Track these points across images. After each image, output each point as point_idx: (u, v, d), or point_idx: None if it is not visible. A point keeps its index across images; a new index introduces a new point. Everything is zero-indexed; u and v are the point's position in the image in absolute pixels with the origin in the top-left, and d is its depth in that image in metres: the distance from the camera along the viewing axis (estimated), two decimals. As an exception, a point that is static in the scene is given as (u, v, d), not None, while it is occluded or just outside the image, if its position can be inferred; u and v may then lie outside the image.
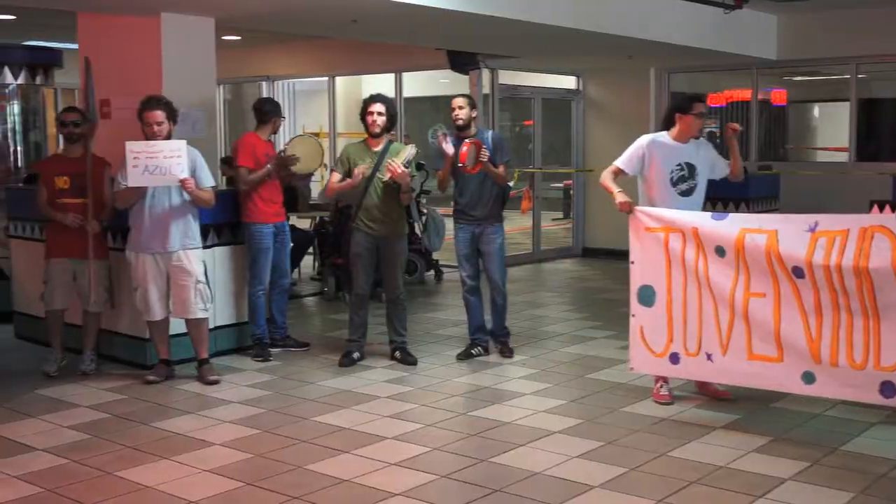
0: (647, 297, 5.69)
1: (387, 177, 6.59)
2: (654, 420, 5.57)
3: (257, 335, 7.14)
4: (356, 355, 6.96)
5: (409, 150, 6.68)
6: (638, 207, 5.75)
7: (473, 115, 6.99)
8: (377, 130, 6.75)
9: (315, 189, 11.67)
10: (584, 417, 5.63)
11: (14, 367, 6.83)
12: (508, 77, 12.25)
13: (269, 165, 6.99)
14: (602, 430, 5.39)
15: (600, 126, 13.18)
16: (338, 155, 7.36)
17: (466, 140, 6.77)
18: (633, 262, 5.78)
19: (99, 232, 6.63)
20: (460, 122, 6.95)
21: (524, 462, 4.86)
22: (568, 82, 13.39)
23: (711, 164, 6.01)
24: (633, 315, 5.78)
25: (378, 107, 6.76)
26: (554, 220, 16.00)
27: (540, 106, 13.03)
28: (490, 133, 7.30)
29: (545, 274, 12.02)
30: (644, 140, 5.95)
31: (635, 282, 5.76)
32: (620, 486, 4.52)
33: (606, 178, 5.89)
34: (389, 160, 6.62)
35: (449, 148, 6.83)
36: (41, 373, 6.61)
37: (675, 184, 5.86)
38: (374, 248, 6.85)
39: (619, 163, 5.94)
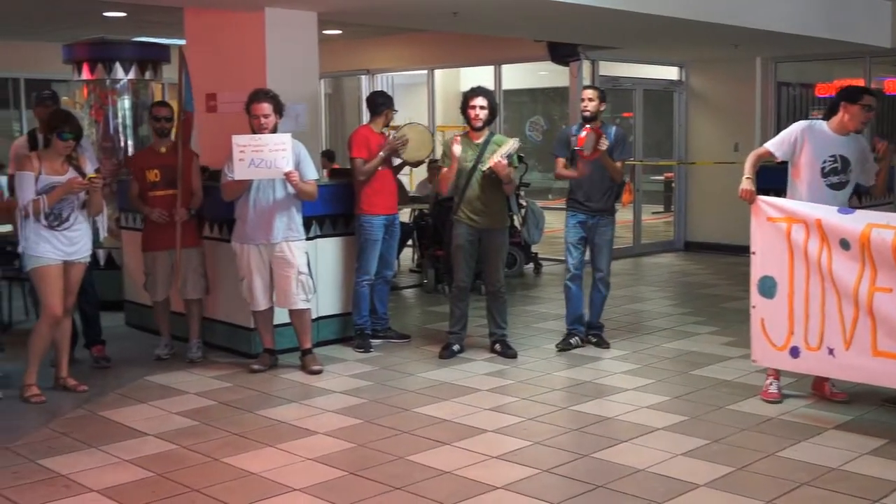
0: (767, 287, 5.53)
1: (486, 167, 6.57)
2: (761, 418, 5.42)
3: (359, 325, 7.20)
4: (456, 347, 6.96)
5: (511, 143, 6.63)
6: (760, 197, 5.57)
7: (602, 108, 6.97)
8: (479, 124, 6.74)
9: (408, 181, 11.70)
10: (689, 414, 5.52)
11: (125, 355, 7.02)
12: (609, 68, 12.08)
13: (381, 153, 7.04)
14: (707, 427, 5.27)
15: (704, 118, 12.90)
16: (439, 147, 7.38)
17: (587, 126, 6.75)
18: (753, 253, 5.62)
19: (189, 221, 6.78)
20: (587, 114, 6.92)
21: (627, 458, 4.78)
22: (670, 73, 13.14)
23: (861, 165, 5.73)
24: (754, 306, 5.63)
25: (480, 100, 6.74)
26: (654, 213, 15.75)
27: (641, 97, 12.82)
28: (614, 129, 7.21)
29: (646, 268, 11.83)
30: (800, 125, 5.73)
31: (756, 272, 5.60)
32: (727, 486, 4.41)
33: (750, 158, 5.68)
34: (491, 153, 6.61)
35: (457, 150, 6.74)
36: (152, 358, 6.82)
37: (825, 175, 5.62)
38: (475, 240, 6.84)
39: (770, 145, 5.74)
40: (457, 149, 6.74)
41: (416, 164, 7.61)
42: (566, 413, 5.62)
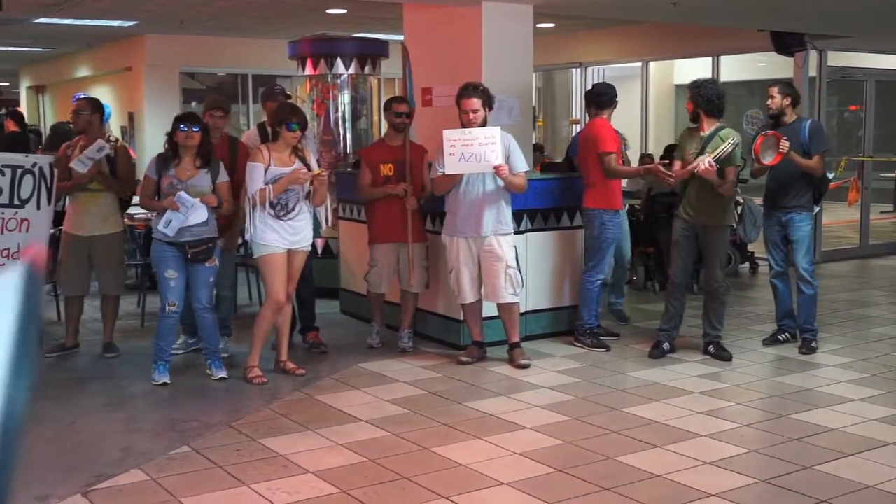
0: None
1: (699, 169, 6.36)
2: None
3: (589, 325, 7.07)
4: (666, 346, 6.78)
5: (726, 145, 6.37)
6: None
7: (786, 103, 6.78)
8: (692, 117, 6.57)
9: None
10: (924, 430, 5.12)
11: (340, 342, 7.26)
12: (838, 58, 11.41)
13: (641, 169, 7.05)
14: (945, 445, 4.87)
15: (943, 110, 11.98)
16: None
17: (760, 134, 6.63)
18: None
19: (418, 215, 6.88)
20: (771, 112, 6.82)
21: (854, 473, 4.48)
22: (907, 62, 12.28)
23: None
24: None
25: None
26: (882, 212, 14.77)
27: (873, 89, 12.03)
28: (808, 122, 6.96)
29: (873, 271, 11.11)
30: None
31: None
32: (969, 511, 4.05)
33: None
34: (713, 148, 6.41)
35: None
36: (364, 346, 7.00)
37: None
38: (692, 236, 6.65)
39: None
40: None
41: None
42: (785, 421, 5.34)
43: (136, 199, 6.76)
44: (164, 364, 6.15)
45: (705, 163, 6.29)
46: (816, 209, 7.24)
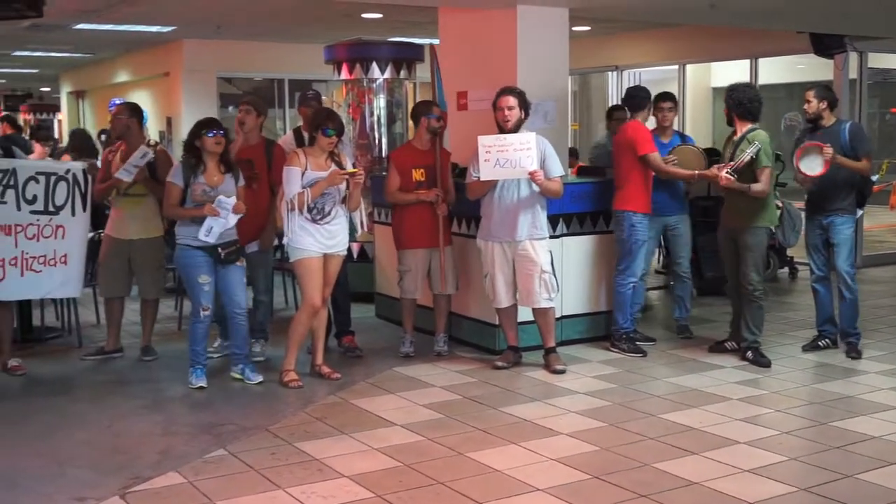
0: None
1: (721, 182, 6.39)
2: None
3: (625, 329, 7.01)
4: (728, 345, 6.89)
5: (745, 154, 6.35)
6: None
7: (822, 106, 6.73)
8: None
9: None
10: (969, 439, 5.01)
11: (375, 346, 7.26)
12: (878, 60, 11.25)
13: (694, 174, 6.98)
14: None
15: None
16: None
17: (800, 146, 6.59)
18: None
19: (447, 220, 6.85)
20: (808, 116, 6.80)
21: (897, 483, 4.41)
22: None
23: None
24: None
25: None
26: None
27: (915, 91, 11.86)
28: (848, 124, 6.90)
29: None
30: None
31: None
32: None
33: None
34: (742, 151, 6.39)
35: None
36: (398, 353, 6.98)
37: None
38: (730, 238, 6.65)
39: None
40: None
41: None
42: (826, 429, 5.25)
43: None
44: (200, 368, 6.18)
45: (722, 175, 6.35)
46: (860, 213, 7.16)
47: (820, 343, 7.00)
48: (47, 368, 6.79)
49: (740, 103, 6.53)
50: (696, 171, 6.93)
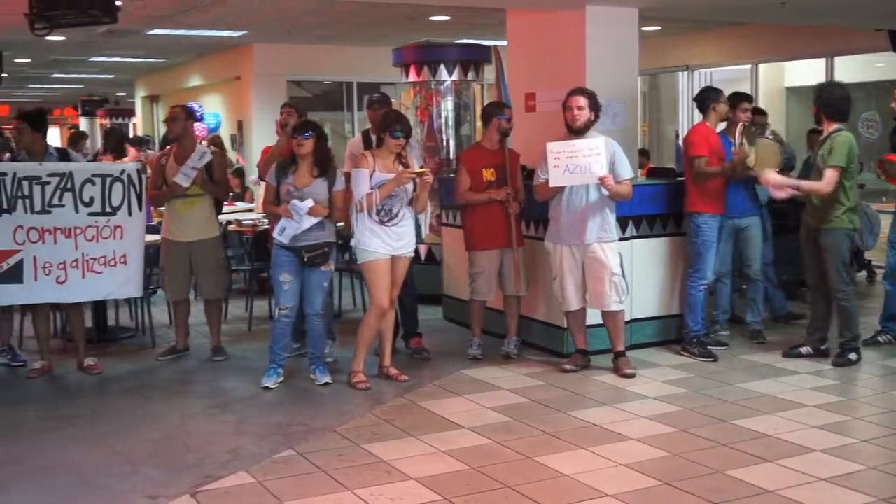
0: None
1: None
2: None
3: (695, 332, 6.91)
4: (804, 350, 6.77)
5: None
6: None
7: None
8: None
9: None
10: None
11: (443, 348, 7.25)
12: (961, 57, 10.91)
13: (724, 165, 6.84)
14: None
15: None
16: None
17: (885, 156, 6.56)
18: None
19: (519, 219, 6.81)
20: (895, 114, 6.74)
21: (982, 494, 4.25)
22: None
23: None
24: None
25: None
26: None
27: None
28: None
29: None
30: None
31: None
32: None
33: None
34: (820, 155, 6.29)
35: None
36: (466, 355, 6.95)
37: None
38: (811, 239, 6.59)
39: None
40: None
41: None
42: (907, 437, 5.11)
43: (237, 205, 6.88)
44: (273, 367, 6.25)
45: (770, 179, 6.39)
46: None
47: (880, 339, 6.97)
48: (122, 368, 6.93)
49: (830, 103, 6.39)
50: (728, 164, 6.80)
